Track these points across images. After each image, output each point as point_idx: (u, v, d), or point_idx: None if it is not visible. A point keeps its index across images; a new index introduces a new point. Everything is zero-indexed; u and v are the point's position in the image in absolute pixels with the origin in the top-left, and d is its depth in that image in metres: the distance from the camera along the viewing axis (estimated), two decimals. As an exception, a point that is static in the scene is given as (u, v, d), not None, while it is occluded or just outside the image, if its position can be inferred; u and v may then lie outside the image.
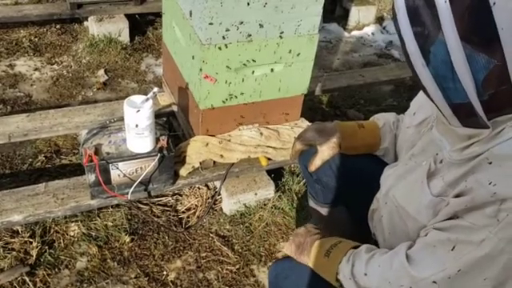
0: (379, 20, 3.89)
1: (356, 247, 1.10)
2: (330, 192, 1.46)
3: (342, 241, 1.13)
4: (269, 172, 2.05)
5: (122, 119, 1.72)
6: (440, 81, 0.83)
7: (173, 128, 2.13)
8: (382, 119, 1.38)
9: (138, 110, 1.60)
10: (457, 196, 0.91)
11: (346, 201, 1.47)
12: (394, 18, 0.84)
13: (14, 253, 1.68)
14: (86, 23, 3.14)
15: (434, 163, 1.01)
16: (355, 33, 3.72)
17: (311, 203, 1.57)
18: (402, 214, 1.06)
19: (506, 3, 0.73)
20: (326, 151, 1.36)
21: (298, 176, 2.14)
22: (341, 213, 1.51)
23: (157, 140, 1.72)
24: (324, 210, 1.52)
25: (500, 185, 0.84)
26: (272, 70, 1.83)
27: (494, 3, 0.73)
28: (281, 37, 1.76)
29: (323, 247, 1.12)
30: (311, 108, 2.59)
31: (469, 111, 0.84)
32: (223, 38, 1.66)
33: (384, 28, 3.82)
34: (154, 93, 1.66)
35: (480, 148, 0.89)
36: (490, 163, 0.86)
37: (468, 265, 0.88)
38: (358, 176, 1.36)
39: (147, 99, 1.64)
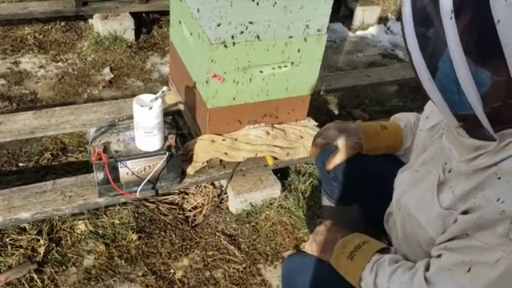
0: (383, 20, 3.89)
1: (380, 250, 1.10)
2: (346, 190, 1.46)
3: (365, 241, 1.13)
4: (275, 171, 2.05)
5: (130, 117, 1.72)
6: (445, 93, 0.83)
7: (179, 126, 2.14)
8: (404, 119, 1.37)
9: (149, 109, 1.60)
10: (464, 212, 0.90)
11: (361, 200, 1.47)
12: (402, 30, 0.84)
13: (22, 250, 1.69)
14: (90, 21, 3.13)
15: (443, 173, 1.01)
16: (359, 33, 3.72)
17: (325, 201, 1.57)
18: (413, 223, 1.06)
19: (510, 21, 0.73)
20: (346, 151, 1.36)
21: (303, 176, 2.14)
22: (354, 211, 1.50)
23: (165, 139, 1.73)
24: (338, 208, 1.52)
25: (508, 202, 0.82)
26: (280, 69, 1.83)
27: (499, 21, 0.73)
28: (289, 36, 1.76)
29: (347, 248, 1.12)
30: (316, 107, 2.60)
31: (474, 123, 0.84)
32: (232, 37, 1.67)
33: (388, 28, 3.83)
34: (163, 92, 1.66)
35: (487, 160, 0.88)
36: (499, 178, 0.85)
37: (486, 285, 0.87)
38: (376, 177, 1.35)
39: (156, 98, 1.64)
